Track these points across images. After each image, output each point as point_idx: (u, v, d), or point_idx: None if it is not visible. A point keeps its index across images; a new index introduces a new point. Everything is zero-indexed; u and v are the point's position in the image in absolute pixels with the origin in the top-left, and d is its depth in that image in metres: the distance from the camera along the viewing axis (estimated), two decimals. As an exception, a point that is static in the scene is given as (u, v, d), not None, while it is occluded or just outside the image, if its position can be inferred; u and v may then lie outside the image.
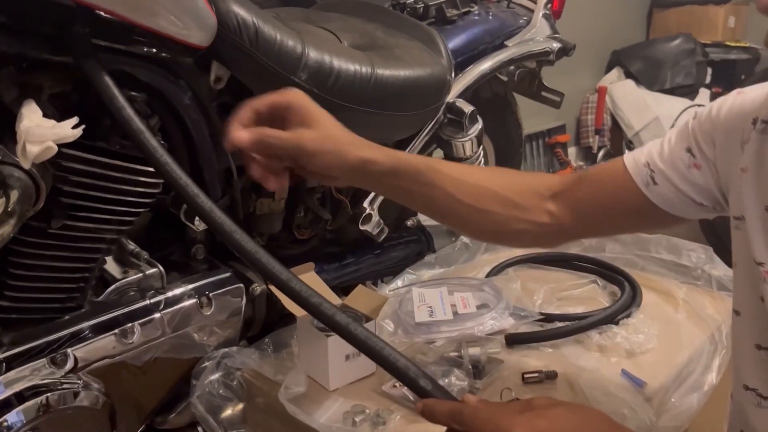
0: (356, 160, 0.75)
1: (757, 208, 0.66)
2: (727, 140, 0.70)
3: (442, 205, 0.82)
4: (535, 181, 0.85)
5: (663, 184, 0.74)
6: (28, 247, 0.77)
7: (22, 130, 0.63)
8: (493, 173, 0.89)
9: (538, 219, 0.82)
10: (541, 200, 0.83)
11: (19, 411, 0.79)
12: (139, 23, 0.73)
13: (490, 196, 0.82)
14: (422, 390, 0.65)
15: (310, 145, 0.73)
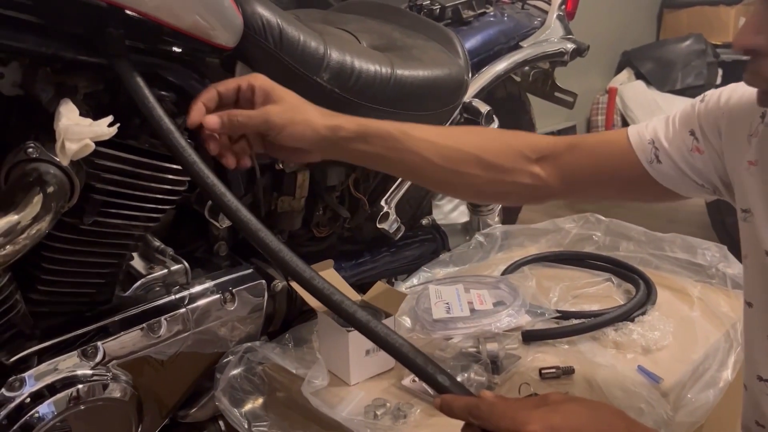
0: (324, 127, 0.78)
1: (765, 200, 0.68)
2: (733, 130, 0.72)
3: (419, 169, 0.83)
4: (519, 141, 0.85)
5: (666, 162, 0.77)
6: (60, 242, 0.79)
7: (61, 128, 0.65)
8: (472, 134, 0.89)
9: (521, 180, 0.83)
10: (526, 162, 0.84)
11: (50, 402, 0.81)
12: (169, 24, 0.75)
13: (470, 159, 0.83)
14: (440, 386, 0.67)
15: (277, 118, 0.76)
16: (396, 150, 0.81)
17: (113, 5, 0.72)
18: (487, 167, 0.83)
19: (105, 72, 0.78)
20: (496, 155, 0.83)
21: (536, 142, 0.85)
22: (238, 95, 0.78)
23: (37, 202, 0.69)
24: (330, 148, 0.81)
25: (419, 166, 0.83)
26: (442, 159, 0.82)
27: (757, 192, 0.68)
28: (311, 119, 0.78)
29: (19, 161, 0.71)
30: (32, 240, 0.69)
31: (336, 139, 0.79)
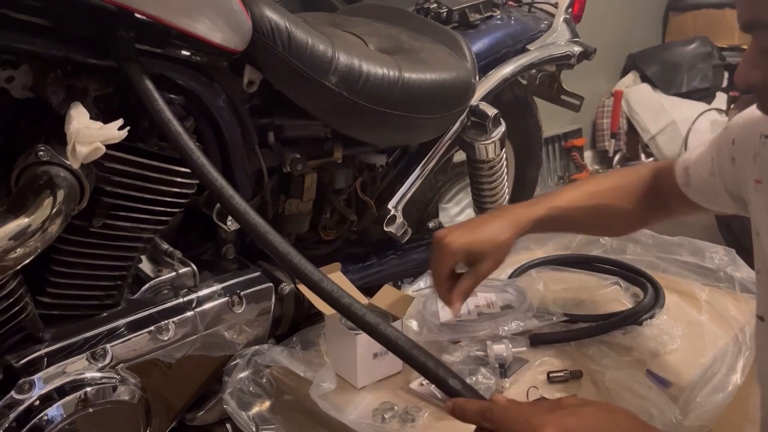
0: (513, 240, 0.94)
1: None
2: (742, 154, 0.75)
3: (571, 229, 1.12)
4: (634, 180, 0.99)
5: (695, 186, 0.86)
6: (70, 245, 0.80)
7: (72, 131, 0.65)
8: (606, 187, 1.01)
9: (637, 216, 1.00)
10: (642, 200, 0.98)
11: (59, 405, 0.81)
12: (178, 27, 0.76)
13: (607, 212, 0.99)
14: (451, 389, 0.66)
15: (490, 270, 0.93)
16: (557, 226, 1.05)
17: (123, 8, 0.72)
18: (617, 213, 1.00)
19: (114, 75, 0.79)
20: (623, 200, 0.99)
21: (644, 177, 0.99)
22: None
23: (48, 205, 0.69)
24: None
25: (574, 228, 1.12)
26: (590, 216, 1.00)
27: (763, 211, 0.70)
28: (505, 246, 0.93)
29: (30, 164, 0.71)
30: (43, 243, 0.69)
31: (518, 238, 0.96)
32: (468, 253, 0.92)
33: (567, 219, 0.99)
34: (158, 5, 0.73)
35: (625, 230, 1.10)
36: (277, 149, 1.07)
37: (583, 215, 0.99)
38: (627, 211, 0.99)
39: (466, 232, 0.93)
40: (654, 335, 1.07)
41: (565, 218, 0.99)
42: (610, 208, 0.99)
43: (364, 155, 1.22)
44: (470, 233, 0.93)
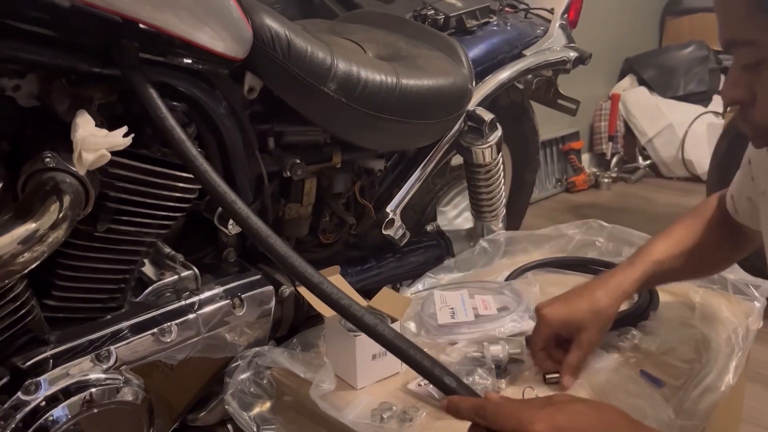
0: (614, 309, 0.97)
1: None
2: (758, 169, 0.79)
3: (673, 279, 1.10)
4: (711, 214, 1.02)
5: (741, 210, 0.92)
6: (75, 249, 0.82)
7: (78, 139, 0.67)
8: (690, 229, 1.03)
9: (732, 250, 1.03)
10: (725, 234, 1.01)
11: (64, 406, 0.83)
12: (181, 37, 0.78)
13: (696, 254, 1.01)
14: (447, 387, 0.68)
15: (592, 339, 0.95)
16: (660, 280, 1.05)
17: (128, 19, 0.74)
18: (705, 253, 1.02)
19: (118, 83, 0.80)
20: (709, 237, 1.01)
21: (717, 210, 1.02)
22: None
23: (55, 210, 0.71)
24: None
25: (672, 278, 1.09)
26: (685, 263, 1.01)
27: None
28: (608, 319, 0.96)
29: (37, 170, 0.73)
30: (50, 247, 0.71)
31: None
32: (566, 324, 0.95)
33: (666, 271, 1.01)
34: (162, 16, 0.75)
35: (723, 266, 1.12)
36: (277, 154, 1.08)
37: (681, 263, 1.00)
38: (716, 247, 1.01)
39: (563, 303, 0.96)
40: (648, 336, 1.09)
41: (664, 271, 1.00)
42: (700, 251, 1.01)
43: (362, 160, 1.24)
44: (568, 303, 0.96)
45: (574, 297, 0.96)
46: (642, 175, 3.32)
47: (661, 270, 0.99)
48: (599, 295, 0.95)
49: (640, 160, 3.38)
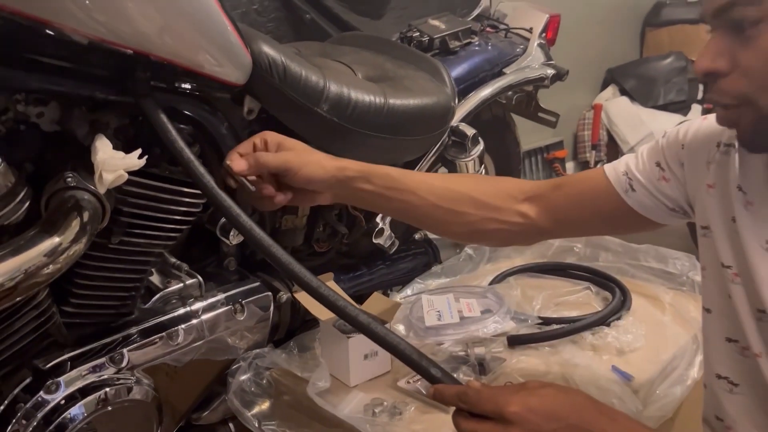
0: (333, 167, 0.88)
1: (722, 219, 0.76)
2: (694, 160, 0.81)
3: (416, 209, 0.91)
4: (508, 185, 0.95)
5: (640, 190, 0.85)
6: (91, 260, 0.89)
7: (98, 161, 0.75)
8: (467, 178, 1.00)
9: (510, 219, 0.92)
10: (514, 202, 0.92)
11: (81, 404, 0.90)
12: (189, 68, 0.86)
13: (465, 199, 0.91)
14: (433, 377, 0.75)
15: (293, 161, 0.86)
16: (396, 190, 0.90)
17: (139, 53, 0.82)
18: (479, 206, 0.91)
19: (131, 109, 0.88)
20: (487, 196, 0.92)
21: (523, 184, 0.95)
22: (255, 150, 0.88)
23: (76, 225, 0.78)
24: (338, 187, 0.90)
25: (417, 206, 0.91)
26: (438, 198, 0.91)
27: (715, 211, 0.77)
28: (321, 160, 0.88)
29: (59, 189, 0.80)
30: (71, 260, 0.78)
31: (342, 178, 0.88)
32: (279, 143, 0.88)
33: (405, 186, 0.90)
34: (170, 49, 0.82)
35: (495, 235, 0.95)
36: (274, 170, 1.16)
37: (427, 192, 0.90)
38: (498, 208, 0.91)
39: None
40: (620, 335, 1.17)
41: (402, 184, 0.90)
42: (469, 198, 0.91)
43: (353, 173, 1.32)
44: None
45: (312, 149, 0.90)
46: (625, 182, 3.42)
47: (402, 181, 0.90)
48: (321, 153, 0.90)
49: (622, 168, 3.47)
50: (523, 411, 0.65)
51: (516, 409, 0.65)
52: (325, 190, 0.92)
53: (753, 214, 0.72)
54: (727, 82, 0.65)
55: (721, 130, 0.78)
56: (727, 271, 0.75)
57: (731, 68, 0.64)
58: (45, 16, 0.73)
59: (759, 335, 0.72)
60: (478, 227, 0.93)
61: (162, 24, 0.81)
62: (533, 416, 0.65)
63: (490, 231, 0.93)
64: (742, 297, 0.73)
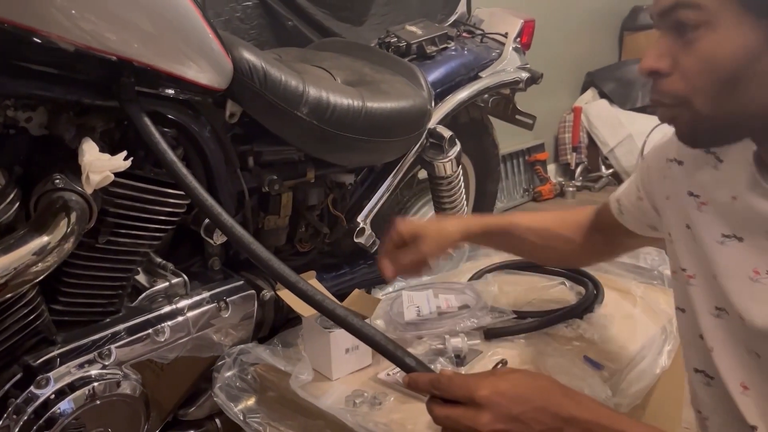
0: (458, 233, 1.05)
1: (678, 227, 0.81)
2: (653, 175, 0.87)
3: (523, 248, 1.13)
4: (580, 217, 1.10)
5: (627, 213, 0.96)
6: (79, 259, 0.92)
7: (85, 162, 0.78)
8: (557, 216, 1.14)
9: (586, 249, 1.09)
10: (587, 235, 1.08)
11: (71, 399, 0.93)
12: (172, 73, 0.89)
13: (556, 236, 1.09)
14: (407, 366, 0.78)
15: (428, 251, 1.02)
16: (510, 242, 1.11)
17: (123, 59, 0.85)
18: (566, 241, 1.08)
19: (116, 113, 0.92)
20: (571, 231, 1.08)
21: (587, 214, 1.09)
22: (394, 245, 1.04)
23: (64, 225, 0.82)
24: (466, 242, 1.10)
25: (523, 247, 1.12)
26: (538, 238, 1.08)
27: (672, 220, 0.82)
28: (449, 235, 1.03)
29: (47, 190, 0.84)
30: (60, 258, 0.82)
31: (466, 239, 1.07)
32: (413, 233, 1.02)
33: (515, 234, 1.07)
34: (154, 55, 0.86)
35: (573, 259, 1.18)
36: (257, 172, 1.19)
37: (531, 235, 1.07)
38: (573, 240, 1.08)
39: (418, 221, 1.09)
40: (592, 327, 1.21)
41: (513, 233, 1.07)
42: (556, 234, 1.08)
43: (334, 175, 1.35)
44: (421, 222, 1.08)
45: (429, 220, 1.10)
46: (605, 183, 3.48)
47: (513, 231, 1.07)
48: (448, 220, 1.09)
49: (603, 169, 3.53)
50: (492, 395, 0.67)
51: (485, 393, 0.67)
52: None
53: (706, 213, 0.77)
54: (668, 82, 0.67)
55: (669, 145, 0.83)
56: (683, 273, 0.80)
57: (672, 69, 0.66)
58: (33, 25, 0.77)
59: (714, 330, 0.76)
60: (564, 257, 1.14)
61: (144, 32, 0.85)
62: (502, 399, 0.67)
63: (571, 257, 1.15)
64: (699, 297, 0.78)
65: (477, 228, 1.06)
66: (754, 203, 0.70)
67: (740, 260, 0.72)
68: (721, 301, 0.75)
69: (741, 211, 0.72)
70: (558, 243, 1.09)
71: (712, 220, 0.76)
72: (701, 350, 0.80)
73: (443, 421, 0.70)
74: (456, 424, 0.68)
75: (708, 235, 0.76)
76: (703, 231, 0.77)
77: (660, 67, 0.67)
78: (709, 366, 0.80)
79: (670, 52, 0.66)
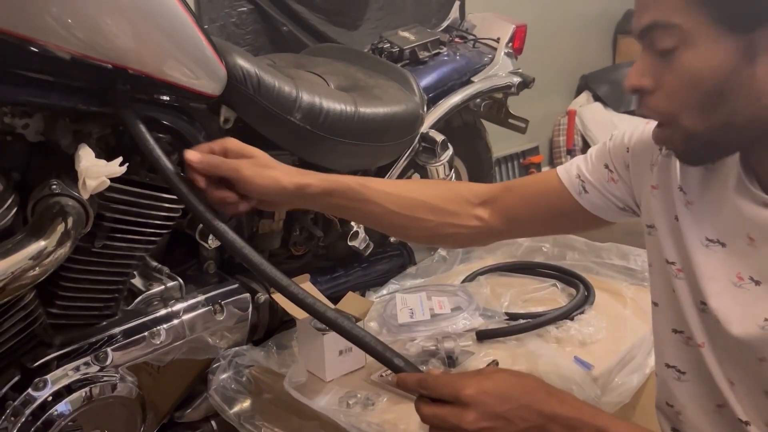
0: (291, 185, 0.85)
1: (665, 218, 0.80)
2: (639, 163, 0.86)
3: (377, 217, 0.94)
4: (462, 189, 0.99)
5: (592, 192, 0.90)
6: (76, 263, 0.93)
7: (82, 168, 0.80)
8: (424, 185, 1.03)
9: (467, 223, 0.96)
10: (470, 206, 0.96)
11: (67, 401, 0.94)
12: (167, 80, 0.91)
13: (422, 205, 0.94)
14: (396, 367, 0.79)
15: (246, 170, 0.82)
16: (357, 201, 0.91)
17: (118, 67, 0.87)
18: (436, 212, 0.95)
19: (112, 119, 0.93)
20: (444, 201, 0.95)
21: (477, 188, 0.99)
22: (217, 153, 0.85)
23: (60, 230, 0.83)
24: (299, 201, 0.90)
25: (378, 215, 0.93)
26: (398, 206, 0.93)
27: (659, 211, 0.81)
28: (278, 177, 0.84)
29: (44, 196, 0.85)
30: (56, 262, 0.83)
31: (302, 194, 0.87)
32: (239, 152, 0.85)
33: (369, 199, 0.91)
34: (148, 63, 0.88)
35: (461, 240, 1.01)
36: (251, 176, 1.21)
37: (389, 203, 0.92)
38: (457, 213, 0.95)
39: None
40: (583, 328, 1.23)
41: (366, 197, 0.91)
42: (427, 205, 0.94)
43: (328, 179, 1.38)
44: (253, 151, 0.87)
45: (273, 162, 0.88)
46: (600, 186, 3.50)
47: (361, 193, 0.90)
48: (283, 166, 0.88)
49: (597, 172, 3.55)
50: (477, 394, 0.69)
51: (471, 392, 0.69)
52: (284, 203, 0.92)
53: (693, 213, 0.77)
54: (653, 99, 0.68)
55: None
56: (671, 267, 0.79)
57: (655, 86, 0.66)
58: (30, 34, 0.78)
59: (701, 326, 0.76)
60: (436, 232, 0.97)
61: (139, 40, 0.86)
62: (487, 398, 0.69)
63: (448, 235, 0.97)
64: (685, 290, 0.78)
65: (318, 182, 0.88)
66: (739, 205, 0.71)
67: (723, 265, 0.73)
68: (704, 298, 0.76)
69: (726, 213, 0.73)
70: (431, 216, 0.95)
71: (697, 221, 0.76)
72: (674, 345, 0.81)
73: (430, 420, 0.71)
74: (442, 422, 0.70)
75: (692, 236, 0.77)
76: (688, 230, 0.77)
77: (643, 84, 0.67)
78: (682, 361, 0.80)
79: (653, 69, 0.66)
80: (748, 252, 0.71)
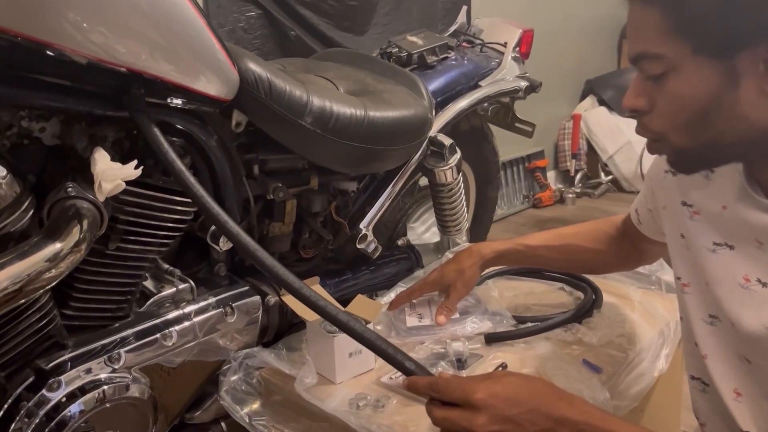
0: (477, 267, 1.20)
1: (674, 236, 0.85)
2: (654, 187, 0.91)
3: (543, 263, 1.27)
4: (608, 227, 1.17)
5: (644, 222, 1.03)
6: (90, 265, 0.94)
7: (98, 171, 0.81)
8: (580, 230, 1.20)
9: (613, 257, 1.17)
10: (615, 243, 1.15)
11: (81, 402, 0.95)
12: (181, 84, 0.92)
13: (578, 249, 1.17)
14: (407, 370, 0.80)
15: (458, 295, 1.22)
16: (526, 260, 1.25)
17: (133, 72, 0.88)
18: (592, 252, 1.16)
19: (127, 123, 0.94)
20: (594, 242, 1.16)
21: (615, 224, 1.16)
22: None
23: (76, 232, 0.84)
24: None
25: (543, 263, 1.26)
26: (559, 253, 1.18)
27: (669, 229, 0.86)
28: (466, 270, 1.19)
29: (60, 198, 0.86)
30: (72, 264, 0.84)
31: (485, 266, 1.22)
32: (439, 285, 1.20)
33: (532, 255, 1.18)
34: (163, 67, 0.89)
35: (603, 268, 1.26)
36: (261, 180, 1.21)
37: (550, 253, 1.17)
38: (599, 251, 1.15)
39: (439, 268, 1.21)
40: (591, 331, 1.23)
41: (529, 254, 1.18)
42: (579, 248, 1.16)
43: (337, 182, 1.38)
44: (441, 268, 1.21)
45: (446, 263, 1.22)
46: (605, 190, 3.50)
47: (527, 252, 1.18)
48: (463, 257, 1.20)
49: (602, 176, 3.56)
50: (488, 397, 0.70)
51: (481, 396, 0.70)
52: None
53: (699, 222, 0.80)
54: (648, 119, 0.72)
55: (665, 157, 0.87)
56: (678, 281, 0.83)
57: (650, 108, 0.71)
58: (47, 39, 0.80)
59: (707, 338, 0.79)
60: (594, 266, 1.24)
61: (154, 45, 0.87)
62: (497, 402, 0.70)
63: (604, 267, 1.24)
64: (693, 304, 0.81)
65: (491, 255, 1.19)
66: (744, 213, 0.73)
67: (731, 268, 0.75)
68: (714, 309, 0.77)
69: (731, 220, 0.75)
70: (580, 256, 1.18)
71: (704, 229, 0.79)
72: (696, 357, 0.83)
73: (441, 423, 0.72)
74: (453, 425, 0.71)
75: (700, 244, 0.79)
76: (695, 239, 0.80)
77: (638, 105, 0.72)
78: (704, 374, 0.82)
79: (647, 91, 0.71)
80: (757, 255, 0.73)
